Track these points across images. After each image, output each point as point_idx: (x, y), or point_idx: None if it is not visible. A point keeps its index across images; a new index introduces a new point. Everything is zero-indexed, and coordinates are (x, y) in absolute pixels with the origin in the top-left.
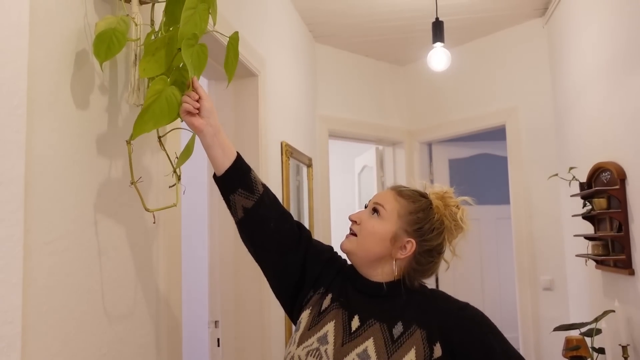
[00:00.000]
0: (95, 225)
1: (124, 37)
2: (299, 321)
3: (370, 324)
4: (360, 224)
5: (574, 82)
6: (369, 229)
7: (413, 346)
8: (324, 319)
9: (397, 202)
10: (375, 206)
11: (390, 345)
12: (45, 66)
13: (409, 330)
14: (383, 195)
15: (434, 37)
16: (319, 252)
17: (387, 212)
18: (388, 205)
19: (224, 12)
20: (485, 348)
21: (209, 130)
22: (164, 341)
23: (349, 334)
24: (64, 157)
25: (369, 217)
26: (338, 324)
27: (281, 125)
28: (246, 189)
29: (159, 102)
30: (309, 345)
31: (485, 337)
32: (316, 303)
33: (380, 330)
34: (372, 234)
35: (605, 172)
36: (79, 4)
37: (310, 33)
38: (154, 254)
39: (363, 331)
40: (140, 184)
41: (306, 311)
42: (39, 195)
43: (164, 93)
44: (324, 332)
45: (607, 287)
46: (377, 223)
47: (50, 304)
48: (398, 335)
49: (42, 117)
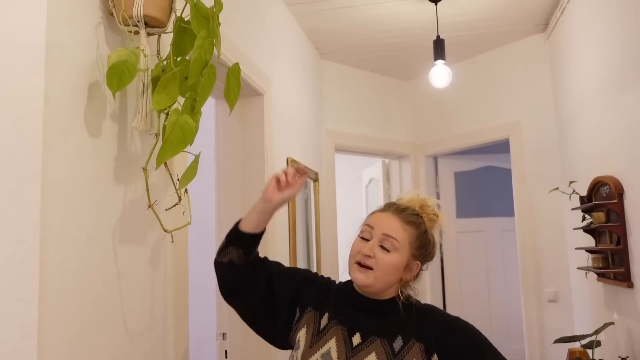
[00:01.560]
0: (109, 244)
1: (134, 68)
2: (297, 340)
3: (371, 340)
4: (375, 257)
5: (575, 97)
6: (387, 262)
7: (413, 358)
8: (325, 336)
9: (406, 232)
10: (388, 241)
11: (393, 359)
12: (61, 97)
13: (408, 343)
14: (391, 225)
15: (435, 54)
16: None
17: (400, 244)
18: (400, 237)
19: (229, 35)
20: (477, 355)
21: (268, 207)
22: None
23: (351, 349)
24: (79, 182)
25: (382, 251)
26: (339, 340)
27: (287, 141)
28: (245, 253)
29: (175, 132)
30: None
31: (477, 346)
32: (310, 321)
33: (381, 345)
34: (390, 267)
35: (605, 186)
36: (92, 37)
37: (316, 50)
38: (163, 271)
39: (365, 347)
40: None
41: (302, 330)
42: (55, 218)
43: (177, 123)
44: (327, 348)
45: (608, 299)
46: (394, 256)
47: (65, 320)
48: (399, 349)
49: (57, 146)
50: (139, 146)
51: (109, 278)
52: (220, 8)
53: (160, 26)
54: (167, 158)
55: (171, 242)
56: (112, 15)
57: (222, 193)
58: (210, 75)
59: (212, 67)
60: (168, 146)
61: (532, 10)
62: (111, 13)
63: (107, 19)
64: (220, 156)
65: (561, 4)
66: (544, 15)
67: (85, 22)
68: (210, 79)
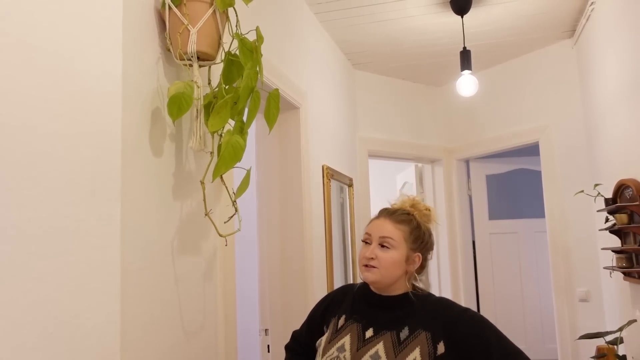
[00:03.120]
0: (169, 251)
1: (190, 98)
2: (319, 344)
3: (382, 333)
4: (377, 258)
5: (601, 101)
6: (388, 260)
7: (418, 345)
8: (341, 333)
9: (400, 230)
10: (385, 242)
11: (397, 347)
12: (130, 124)
13: (414, 333)
14: (386, 228)
15: (462, 65)
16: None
17: (396, 241)
18: (395, 235)
19: (268, 55)
20: (484, 341)
21: None
22: (222, 350)
23: (363, 341)
24: (147, 196)
25: (382, 250)
26: (354, 335)
27: (322, 150)
28: None
29: (227, 150)
30: (331, 354)
31: (483, 332)
32: (331, 326)
33: (390, 336)
34: (392, 262)
35: (628, 188)
36: (153, 70)
37: (349, 61)
38: (214, 275)
39: (375, 338)
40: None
41: (325, 335)
42: (129, 224)
43: (230, 142)
44: (342, 342)
45: (634, 297)
46: (393, 253)
47: (139, 309)
48: (404, 338)
49: (130, 166)
50: (193, 163)
51: (169, 281)
52: (262, 41)
53: (210, 59)
54: (222, 173)
55: (225, 245)
56: (169, 51)
57: (263, 201)
58: (256, 100)
59: (257, 92)
60: (222, 162)
61: (558, 18)
62: (169, 50)
63: (165, 54)
64: (261, 167)
65: (586, 11)
66: (570, 22)
67: (148, 58)
68: (256, 103)
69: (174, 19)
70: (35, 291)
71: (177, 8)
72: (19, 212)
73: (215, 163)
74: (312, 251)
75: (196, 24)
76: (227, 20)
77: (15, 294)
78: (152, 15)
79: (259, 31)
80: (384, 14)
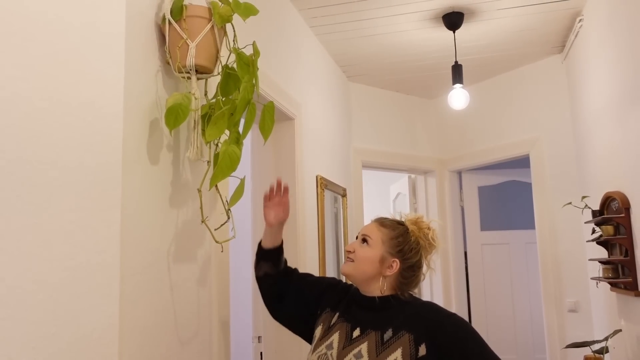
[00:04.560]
0: (167, 255)
1: (187, 109)
2: (314, 336)
3: (367, 333)
4: (354, 252)
5: (590, 115)
6: (362, 254)
7: (400, 347)
8: (332, 331)
9: (380, 232)
10: (363, 237)
11: (380, 346)
12: (130, 134)
13: (397, 334)
14: (369, 228)
15: (454, 79)
16: (315, 282)
17: (373, 240)
18: (373, 235)
19: (264, 67)
20: (465, 349)
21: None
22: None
23: (349, 340)
24: (145, 203)
25: (360, 246)
26: (342, 334)
27: (316, 160)
28: (274, 264)
29: (224, 160)
30: (320, 351)
31: (466, 340)
32: (326, 320)
33: (374, 336)
34: (365, 258)
35: (614, 201)
36: (152, 82)
37: (344, 73)
38: (209, 282)
39: (361, 338)
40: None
41: (319, 328)
42: (128, 231)
43: (226, 152)
44: (331, 340)
45: (620, 308)
46: (367, 250)
47: (136, 314)
48: (388, 338)
49: (129, 174)
50: (189, 173)
51: (165, 286)
52: (258, 55)
53: (208, 72)
54: (219, 181)
55: (221, 251)
56: (168, 64)
57: (258, 210)
58: (252, 112)
59: (253, 105)
60: (219, 171)
61: (548, 34)
62: (168, 62)
63: (164, 67)
64: (256, 177)
65: (574, 28)
66: (559, 38)
67: (148, 71)
68: (252, 115)
69: (174, 33)
70: (37, 293)
71: (177, 23)
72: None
73: (211, 172)
74: (305, 260)
75: (195, 38)
76: (225, 35)
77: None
78: (153, 30)
79: (256, 46)
80: (379, 28)
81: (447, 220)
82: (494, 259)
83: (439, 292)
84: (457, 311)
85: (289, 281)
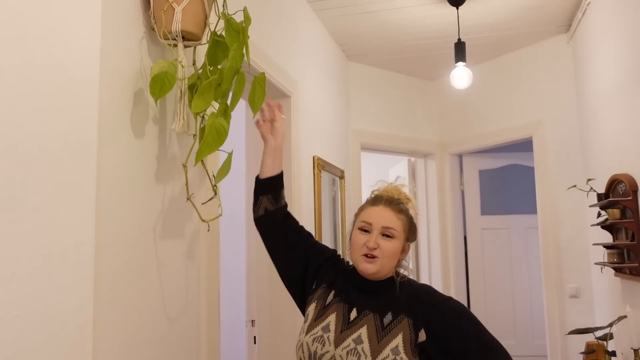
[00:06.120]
0: (153, 232)
1: (173, 78)
2: (307, 314)
3: (365, 314)
4: (379, 247)
5: (596, 96)
6: (390, 250)
7: (401, 332)
8: (327, 311)
9: (400, 220)
10: (388, 232)
11: (381, 331)
12: (111, 103)
13: (397, 318)
14: (387, 217)
15: (456, 57)
16: (320, 250)
17: (397, 232)
18: (397, 226)
19: (258, 42)
20: (462, 333)
21: (271, 142)
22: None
23: (347, 323)
24: (127, 177)
25: (384, 240)
26: (339, 315)
27: (314, 140)
28: (274, 197)
29: (211, 133)
30: (315, 333)
31: (462, 323)
32: (320, 297)
33: (373, 319)
34: (393, 253)
35: (621, 183)
36: (136, 50)
37: (343, 53)
38: (197, 260)
39: (359, 320)
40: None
41: (312, 305)
42: (107, 208)
43: (213, 125)
44: (327, 322)
45: (625, 293)
46: (394, 243)
47: (116, 293)
48: (388, 323)
49: (109, 145)
50: (176, 146)
51: (151, 265)
52: (249, 22)
53: (195, 39)
54: (205, 156)
55: (207, 231)
56: (153, 30)
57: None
58: (240, 82)
59: (242, 74)
60: (205, 145)
61: (554, 12)
62: (153, 28)
63: (149, 33)
64: (250, 155)
65: (582, 6)
66: (566, 17)
67: (131, 37)
68: (240, 85)
69: None
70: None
71: None
72: None
73: (198, 146)
74: None
75: (181, 2)
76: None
77: None
78: None
79: (247, 12)
80: (379, 4)
81: (447, 204)
82: (494, 243)
83: (438, 277)
84: (456, 296)
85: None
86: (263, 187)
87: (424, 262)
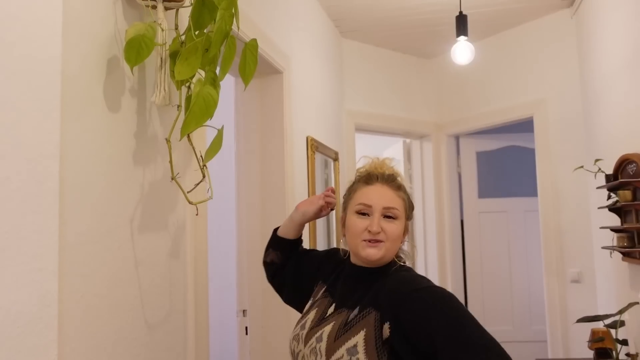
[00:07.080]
0: (129, 217)
1: (152, 42)
2: None
3: (339, 311)
4: (384, 230)
5: (602, 74)
6: (395, 232)
7: (363, 328)
8: (312, 307)
9: (401, 198)
10: (391, 212)
11: (342, 329)
12: (79, 71)
13: (362, 312)
14: (387, 197)
15: (458, 30)
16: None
17: (399, 211)
18: (399, 205)
19: (248, 12)
20: (430, 331)
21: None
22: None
23: (320, 320)
24: (97, 155)
25: (387, 222)
26: (319, 312)
27: (307, 120)
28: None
29: (198, 103)
30: (296, 330)
31: (433, 317)
32: (315, 294)
33: (342, 316)
34: (397, 234)
35: (632, 163)
36: (109, 12)
37: (337, 29)
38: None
39: (331, 317)
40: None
41: (310, 301)
42: (74, 189)
43: (200, 94)
44: (306, 319)
45: (633, 279)
46: (397, 225)
47: (85, 292)
48: (352, 319)
49: (76, 119)
50: (157, 122)
51: (126, 257)
52: None
53: (177, 1)
54: (191, 130)
55: (196, 214)
56: None
57: (242, 171)
58: (231, 46)
59: (232, 38)
60: (192, 118)
61: None
62: None
63: None
64: (240, 134)
65: None
66: None
67: None
68: (231, 50)
69: None
70: None
71: None
72: None
73: (183, 119)
74: None
75: None
76: None
77: None
78: None
79: None
80: None
81: (443, 187)
82: (492, 227)
83: (434, 262)
84: (453, 281)
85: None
86: (275, 243)
87: (420, 246)
